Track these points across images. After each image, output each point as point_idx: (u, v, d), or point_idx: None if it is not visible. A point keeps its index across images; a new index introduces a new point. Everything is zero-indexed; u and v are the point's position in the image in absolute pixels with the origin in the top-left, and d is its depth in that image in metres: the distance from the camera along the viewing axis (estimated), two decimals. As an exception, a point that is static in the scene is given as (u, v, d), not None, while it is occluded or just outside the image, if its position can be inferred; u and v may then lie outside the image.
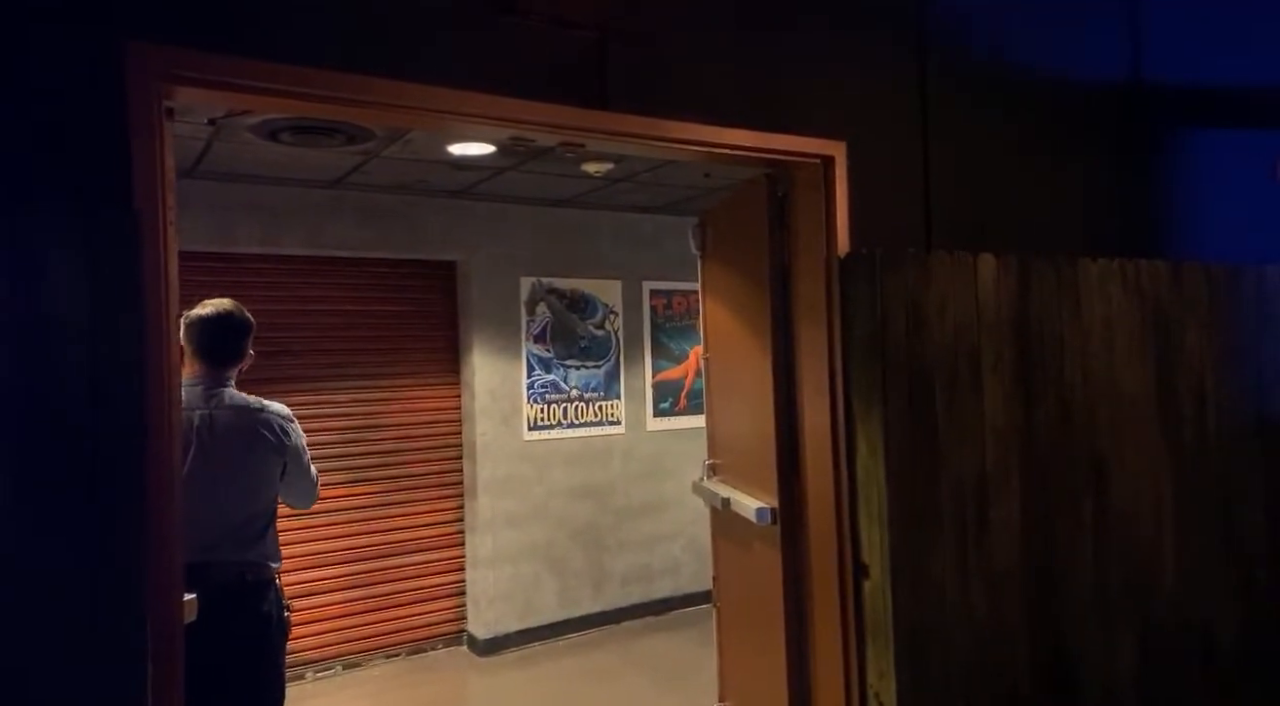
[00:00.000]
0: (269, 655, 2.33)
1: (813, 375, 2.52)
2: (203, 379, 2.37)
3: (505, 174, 4.15)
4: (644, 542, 5.27)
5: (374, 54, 1.89)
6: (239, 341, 2.43)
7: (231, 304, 2.45)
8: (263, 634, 2.31)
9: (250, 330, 2.46)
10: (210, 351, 2.38)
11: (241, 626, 2.27)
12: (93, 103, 1.59)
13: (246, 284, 4.12)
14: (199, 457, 2.28)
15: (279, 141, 3.34)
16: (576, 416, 5.10)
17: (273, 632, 2.34)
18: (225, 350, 2.40)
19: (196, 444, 2.28)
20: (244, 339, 2.45)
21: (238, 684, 2.28)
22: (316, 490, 2.58)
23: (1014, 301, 2.55)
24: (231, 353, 2.42)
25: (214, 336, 2.39)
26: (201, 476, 2.26)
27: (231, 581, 2.25)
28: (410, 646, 4.68)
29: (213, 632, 2.14)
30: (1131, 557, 2.70)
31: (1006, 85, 2.89)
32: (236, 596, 2.27)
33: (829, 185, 2.46)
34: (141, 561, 1.51)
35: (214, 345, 2.39)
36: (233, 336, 2.42)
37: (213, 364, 2.38)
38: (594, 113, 2.15)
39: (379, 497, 4.63)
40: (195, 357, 2.38)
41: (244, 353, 2.46)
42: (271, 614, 2.33)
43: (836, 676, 2.42)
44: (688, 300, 5.51)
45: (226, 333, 2.41)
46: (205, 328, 2.38)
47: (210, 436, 2.31)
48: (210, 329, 2.39)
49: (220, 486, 2.30)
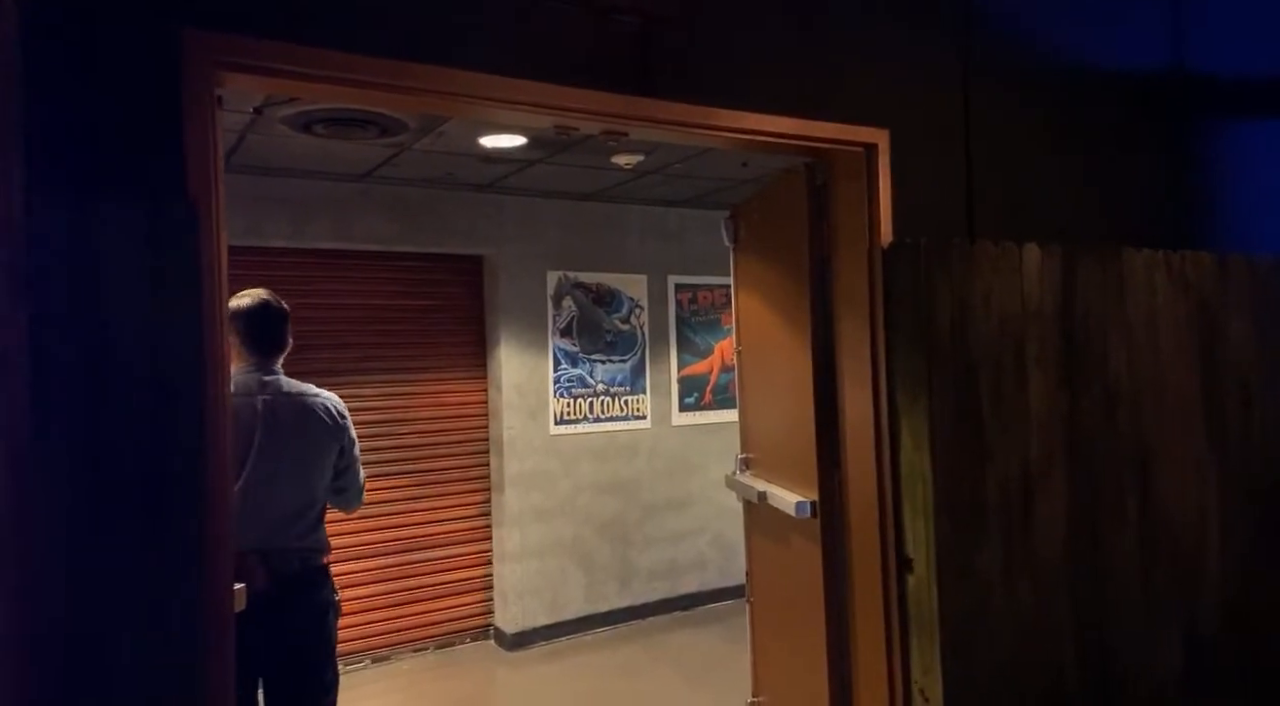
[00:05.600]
0: (325, 638, 2.37)
1: (854, 367, 2.49)
2: (255, 367, 2.40)
3: (533, 167, 4.14)
4: (670, 538, 5.26)
5: (421, 40, 1.88)
6: (281, 329, 2.46)
7: (267, 293, 2.48)
8: (321, 618, 2.35)
9: (288, 318, 2.50)
10: (257, 340, 2.41)
11: (301, 612, 2.31)
12: (148, 91, 1.58)
13: (277, 278, 4.11)
14: (260, 445, 2.31)
15: (313, 133, 3.34)
16: (602, 411, 5.09)
17: (329, 617, 2.37)
18: (270, 338, 2.43)
19: (261, 430, 2.31)
20: (285, 326, 2.48)
21: (297, 667, 2.31)
22: (363, 493, 2.60)
23: (1059, 292, 2.51)
24: (276, 340, 2.45)
25: (258, 325, 2.41)
26: (262, 463, 2.29)
27: (292, 568, 2.27)
28: (438, 640, 4.69)
29: (272, 619, 2.18)
30: (1176, 554, 2.66)
31: (1049, 74, 2.85)
32: (296, 583, 2.30)
33: (871, 173, 2.43)
34: (199, 549, 1.51)
35: (259, 334, 2.41)
36: (275, 324, 2.45)
37: (261, 352, 2.41)
38: (638, 100, 2.14)
39: (406, 491, 4.64)
40: (242, 347, 2.40)
41: (288, 340, 2.49)
42: (327, 599, 2.37)
43: (879, 671, 2.40)
44: (713, 295, 5.49)
45: (269, 321, 2.43)
46: (249, 317, 2.40)
47: (272, 422, 2.34)
48: (254, 318, 2.41)
49: (280, 473, 2.33)
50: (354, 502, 2.59)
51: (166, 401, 1.48)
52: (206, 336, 1.55)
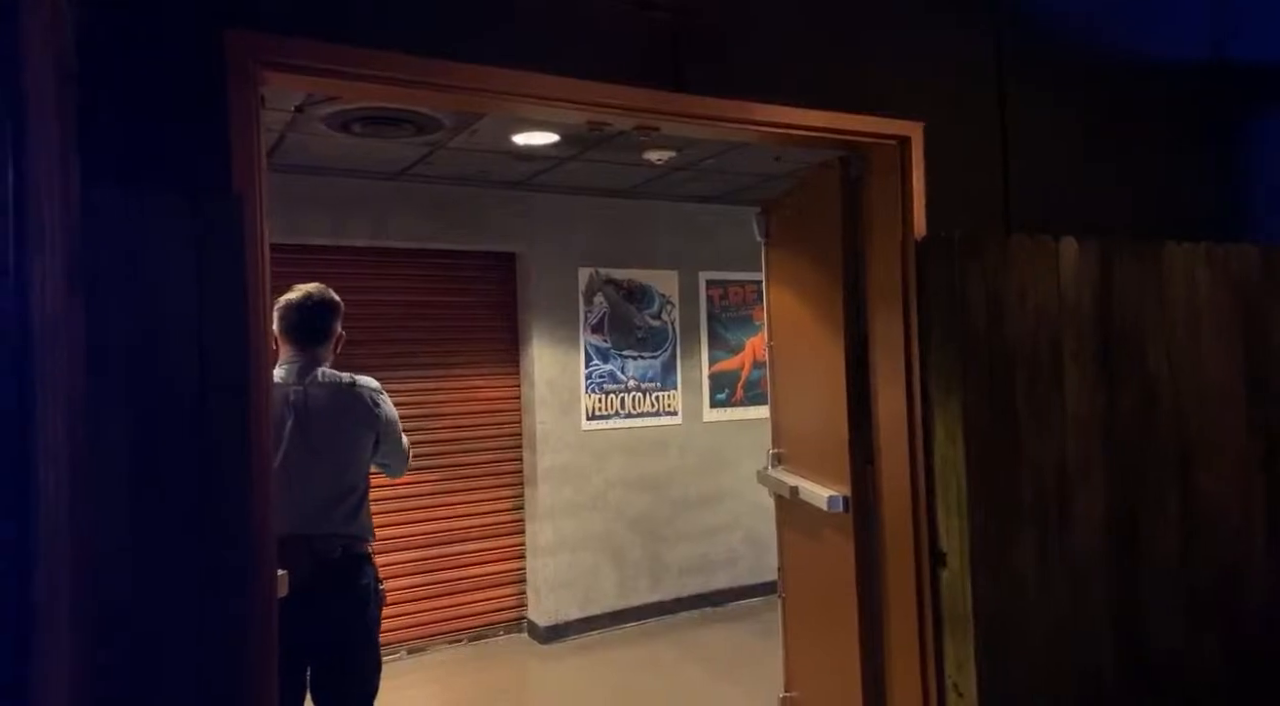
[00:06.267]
0: (368, 625, 2.42)
1: (887, 362, 2.48)
2: (296, 358, 2.46)
3: (565, 164, 4.17)
4: (701, 534, 5.26)
5: (456, 38, 1.91)
6: (327, 321, 2.51)
7: (316, 287, 2.54)
8: (362, 605, 2.39)
9: (337, 310, 2.55)
10: (300, 333, 2.47)
11: (343, 598, 2.36)
12: (194, 90, 1.63)
13: (317, 275, 4.17)
14: (295, 434, 2.37)
15: (350, 132, 3.40)
16: (634, 407, 5.11)
17: (371, 604, 2.42)
18: (314, 331, 2.49)
19: (293, 420, 2.37)
20: (331, 318, 2.53)
21: (340, 653, 2.36)
22: (409, 458, 2.68)
23: (1096, 286, 2.48)
24: (321, 333, 2.50)
25: (303, 318, 2.47)
26: (298, 452, 2.35)
27: (332, 555, 2.33)
28: (472, 632, 4.75)
29: (316, 604, 2.24)
30: (1218, 554, 2.61)
31: (1086, 65, 2.81)
32: (337, 570, 2.34)
33: (905, 167, 2.42)
34: (244, 534, 1.55)
35: (303, 326, 2.47)
36: (320, 317, 2.50)
37: (304, 345, 2.47)
38: (671, 95, 2.15)
39: (441, 485, 4.70)
40: (287, 340, 2.47)
41: (333, 332, 2.54)
42: (370, 586, 2.41)
43: (912, 666, 2.39)
44: (744, 291, 5.48)
45: (315, 314, 2.49)
46: (294, 311, 2.47)
47: (305, 413, 2.39)
48: (299, 311, 2.48)
49: (316, 461, 2.38)
50: (396, 470, 2.67)
51: (212, 387, 1.52)
52: (250, 325, 1.59)
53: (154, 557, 1.48)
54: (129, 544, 1.46)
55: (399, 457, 2.61)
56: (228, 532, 1.53)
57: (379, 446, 2.52)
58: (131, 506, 1.46)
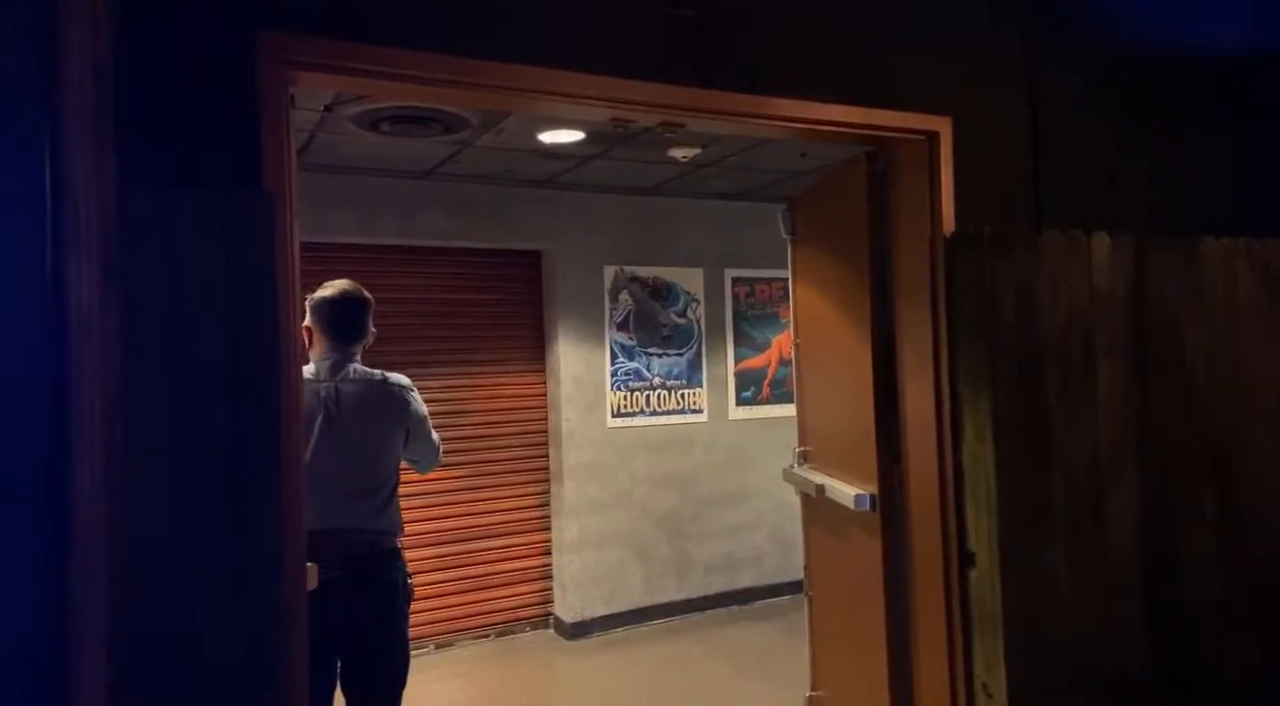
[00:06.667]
0: (396, 619, 2.44)
1: (915, 359, 2.46)
2: (329, 354, 2.49)
3: (591, 162, 4.18)
4: (727, 532, 5.25)
5: (484, 38, 1.92)
6: (360, 318, 2.54)
7: (350, 284, 2.57)
8: (391, 598, 2.42)
9: (369, 307, 2.58)
10: (334, 329, 2.50)
11: (371, 592, 2.39)
12: (226, 90, 1.66)
13: (346, 272, 4.22)
14: (326, 430, 2.40)
15: (379, 131, 3.43)
16: (659, 404, 5.11)
17: (399, 598, 2.45)
18: (348, 327, 2.52)
19: (324, 416, 2.40)
20: (366, 315, 2.56)
21: (369, 646, 2.39)
22: (439, 454, 2.71)
23: (1130, 282, 2.43)
24: (355, 329, 2.53)
25: (337, 314, 2.50)
26: (329, 448, 2.38)
27: (361, 549, 2.36)
28: (499, 628, 4.78)
29: (346, 598, 2.27)
30: (1256, 555, 2.55)
31: (1119, 56, 2.75)
32: (366, 563, 2.37)
33: (934, 162, 2.39)
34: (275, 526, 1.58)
35: (339, 322, 2.50)
36: (354, 314, 2.53)
37: (338, 341, 2.50)
38: (695, 91, 2.14)
39: (467, 481, 4.73)
40: (321, 336, 2.50)
41: (366, 329, 2.57)
42: (398, 580, 2.44)
43: (940, 666, 2.37)
44: (770, 288, 5.46)
45: (348, 310, 2.52)
46: (329, 307, 2.50)
47: (336, 408, 2.43)
48: (333, 307, 2.50)
49: (347, 457, 2.41)
50: (426, 466, 2.70)
51: (243, 382, 1.55)
52: (281, 322, 1.61)
53: (187, 551, 1.51)
54: (162, 537, 1.49)
55: (429, 454, 2.64)
56: (259, 527, 1.55)
57: (409, 442, 2.55)
58: (166, 501, 1.49)
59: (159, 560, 1.48)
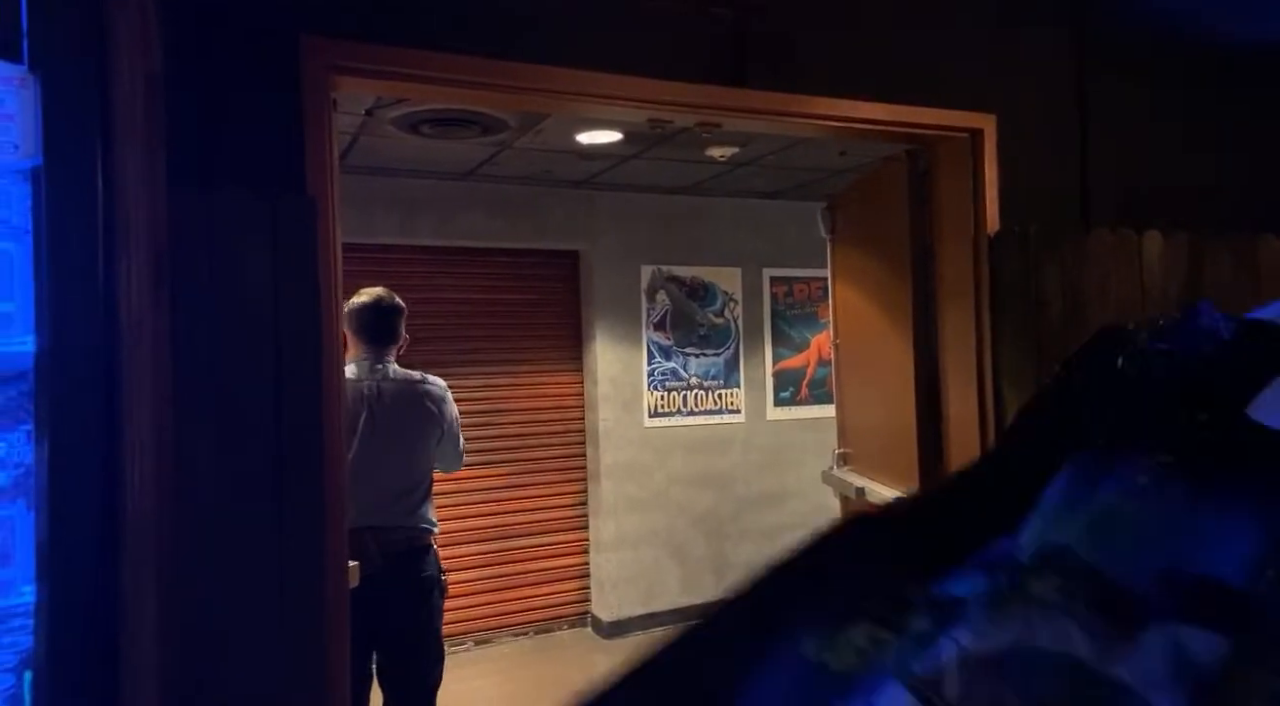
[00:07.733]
0: (431, 614, 2.51)
1: (958, 359, 2.42)
2: (367, 357, 2.58)
3: (628, 162, 4.18)
4: (766, 533, 5.21)
5: (523, 41, 1.93)
6: (394, 324, 2.64)
7: (384, 291, 2.67)
8: (426, 595, 2.49)
9: (403, 313, 2.68)
10: (371, 333, 2.59)
11: (407, 588, 2.45)
12: (271, 94, 1.69)
13: (386, 273, 4.30)
14: (369, 426, 2.48)
15: (420, 134, 3.47)
16: (696, 404, 5.09)
17: (436, 593, 2.51)
18: (383, 332, 2.61)
19: (367, 412, 2.48)
20: (398, 321, 2.66)
21: (404, 642, 2.45)
22: (463, 458, 2.79)
23: (1183, 282, 2.37)
24: (389, 334, 2.63)
25: (371, 320, 2.60)
26: (369, 446, 2.46)
27: (399, 546, 2.41)
28: (537, 626, 4.81)
29: (383, 594, 2.32)
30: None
31: (1171, 49, 2.67)
32: (403, 560, 2.44)
33: (978, 160, 2.35)
34: (319, 525, 1.60)
35: (374, 327, 2.59)
36: (389, 319, 2.63)
37: (374, 344, 2.60)
38: (733, 91, 2.13)
39: (505, 480, 4.76)
40: (357, 340, 2.60)
41: (399, 333, 2.66)
42: (433, 577, 2.51)
43: (983, 673, 2.32)
44: (809, 287, 5.40)
45: (383, 316, 2.62)
46: (365, 313, 2.60)
47: (379, 405, 2.52)
48: (369, 313, 2.60)
49: (387, 455, 2.48)
50: (451, 467, 2.79)
51: (288, 381, 1.58)
52: (324, 322, 1.64)
53: (233, 548, 1.54)
54: (210, 535, 1.52)
55: (455, 457, 2.74)
56: (304, 526, 1.58)
57: (440, 443, 2.64)
58: (213, 498, 1.52)
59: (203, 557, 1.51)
